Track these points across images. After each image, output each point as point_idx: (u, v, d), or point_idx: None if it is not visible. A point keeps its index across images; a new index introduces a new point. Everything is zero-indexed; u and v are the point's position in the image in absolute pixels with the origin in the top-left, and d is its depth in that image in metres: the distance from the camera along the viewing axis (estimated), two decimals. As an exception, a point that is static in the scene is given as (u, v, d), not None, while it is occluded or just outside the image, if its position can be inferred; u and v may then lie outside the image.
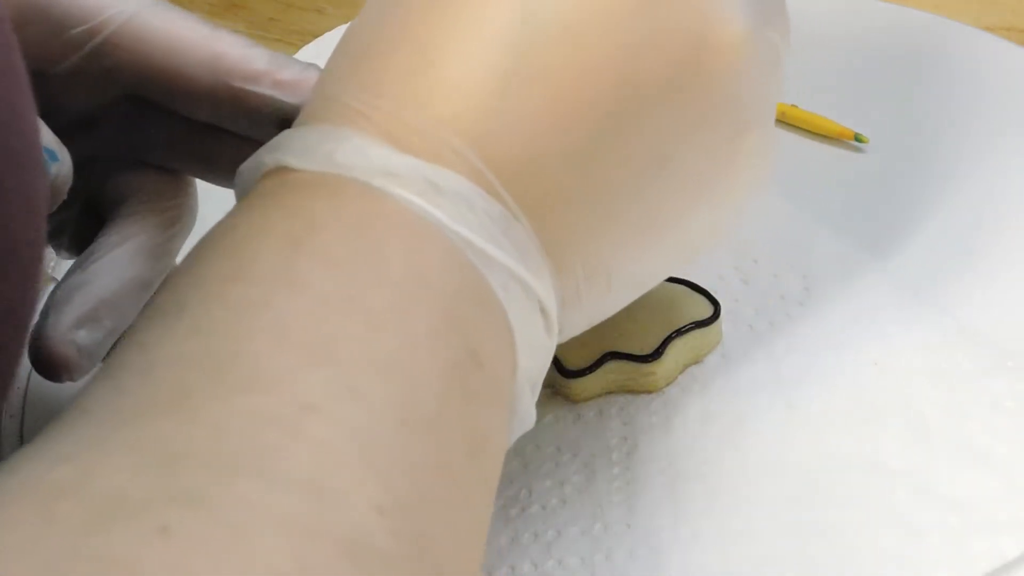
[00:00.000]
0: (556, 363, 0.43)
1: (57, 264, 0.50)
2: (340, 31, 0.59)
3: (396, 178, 0.31)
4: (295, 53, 0.57)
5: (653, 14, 0.33)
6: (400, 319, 0.30)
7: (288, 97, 0.38)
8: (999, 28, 0.55)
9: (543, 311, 0.33)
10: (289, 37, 0.60)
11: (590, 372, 0.43)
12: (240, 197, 0.33)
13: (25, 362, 0.47)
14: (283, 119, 0.38)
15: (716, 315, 0.44)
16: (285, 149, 0.32)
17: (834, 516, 0.40)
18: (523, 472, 0.42)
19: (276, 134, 0.34)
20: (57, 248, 0.42)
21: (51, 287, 0.38)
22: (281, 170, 0.32)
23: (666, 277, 0.38)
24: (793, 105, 0.52)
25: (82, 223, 0.41)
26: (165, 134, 0.40)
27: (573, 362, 0.43)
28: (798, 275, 0.46)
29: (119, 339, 0.36)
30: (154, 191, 0.40)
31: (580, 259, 0.34)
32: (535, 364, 0.33)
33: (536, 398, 0.34)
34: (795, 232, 0.48)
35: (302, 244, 0.30)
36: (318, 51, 0.58)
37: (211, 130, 0.39)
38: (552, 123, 0.32)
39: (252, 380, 0.27)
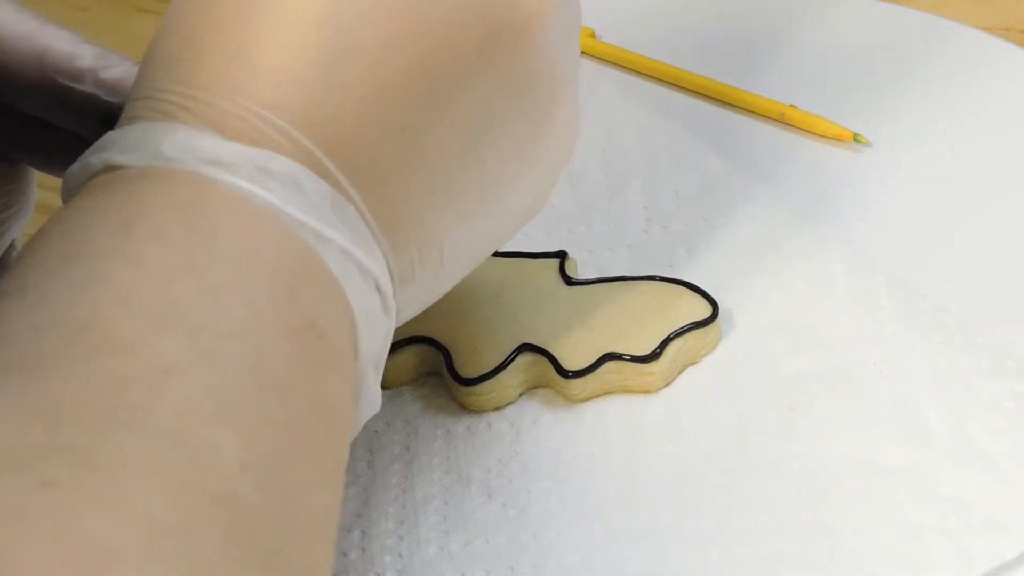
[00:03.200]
0: (555, 363, 0.43)
1: None
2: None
3: (225, 166, 0.32)
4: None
5: None
6: (240, 290, 0.30)
7: (111, 96, 0.38)
8: (999, 28, 0.55)
9: (379, 289, 0.34)
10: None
11: (589, 372, 0.43)
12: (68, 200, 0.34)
13: None
14: (106, 118, 0.38)
15: (715, 315, 0.44)
16: (110, 148, 0.33)
17: (834, 516, 0.40)
18: (522, 472, 0.42)
19: (101, 132, 0.34)
20: None
21: None
22: (109, 169, 0.33)
23: (493, 251, 0.39)
24: (793, 105, 0.52)
25: None
26: None
27: (572, 363, 0.43)
28: (797, 276, 0.46)
29: None
30: None
31: (412, 233, 0.35)
32: (375, 344, 0.34)
33: (379, 380, 0.35)
34: (794, 232, 0.48)
35: (135, 224, 0.31)
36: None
37: (43, 123, 0.39)
38: (371, 97, 0.33)
39: (108, 344, 0.28)
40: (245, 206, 0.32)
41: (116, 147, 0.33)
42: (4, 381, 0.27)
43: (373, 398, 0.35)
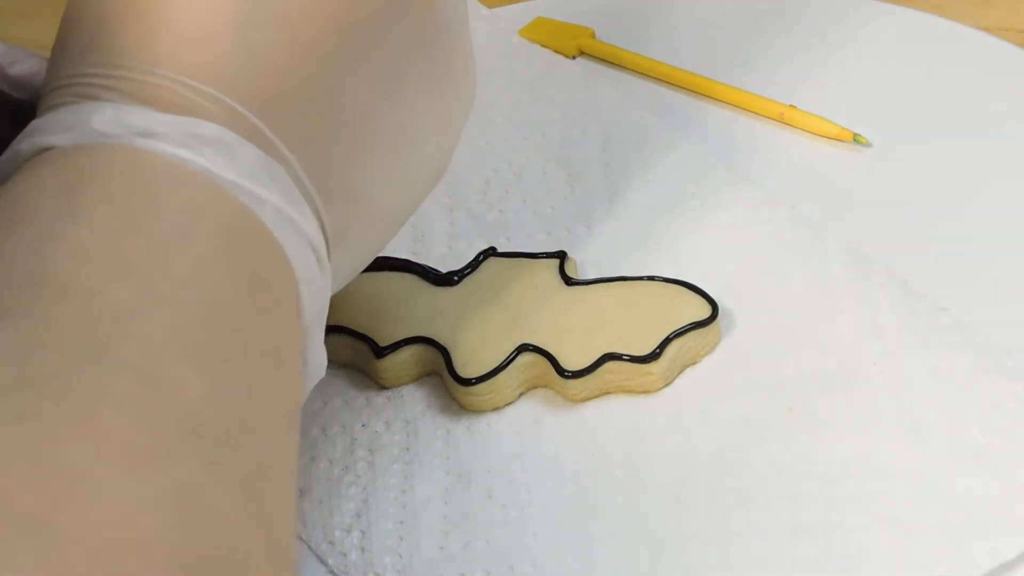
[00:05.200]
0: (555, 363, 0.43)
1: None
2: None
3: (156, 136, 0.32)
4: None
5: None
6: (184, 243, 0.31)
7: (19, 93, 0.38)
8: (999, 28, 0.55)
9: (313, 248, 0.35)
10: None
11: (588, 373, 0.43)
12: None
13: None
14: (15, 115, 0.38)
15: (714, 316, 0.44)
16: (39, 132, 0.33)
17: (834, 516, 0.40)
18: (522, 473, 0.42)
19: (12, 131, 0.34)
20: None
21: None
22: (41, 151, 0.33)
23: (416, 205, 0.40)
24: (792, 105, 0.52)
25: None
26: None
27: (572, 363, 0.43)
28: (797, 276, 0.46)
29: None
30: None
31: (340, 188, 0.36)
32: (316, 303, 0.35)
33: (323, 341, 0.36)
34: (795, 233, 0.48)
35: (76, 189, 0.31)
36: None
37: None
38: (292, 57, 0.35)
39: (66, 292, 0.29)
40: (181, 170, 0.32)
41: (44, 131, 0.33)
42: None
43: (319, 358, 0.36)
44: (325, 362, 0.36)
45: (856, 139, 0.51)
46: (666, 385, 0.44)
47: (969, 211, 0.49)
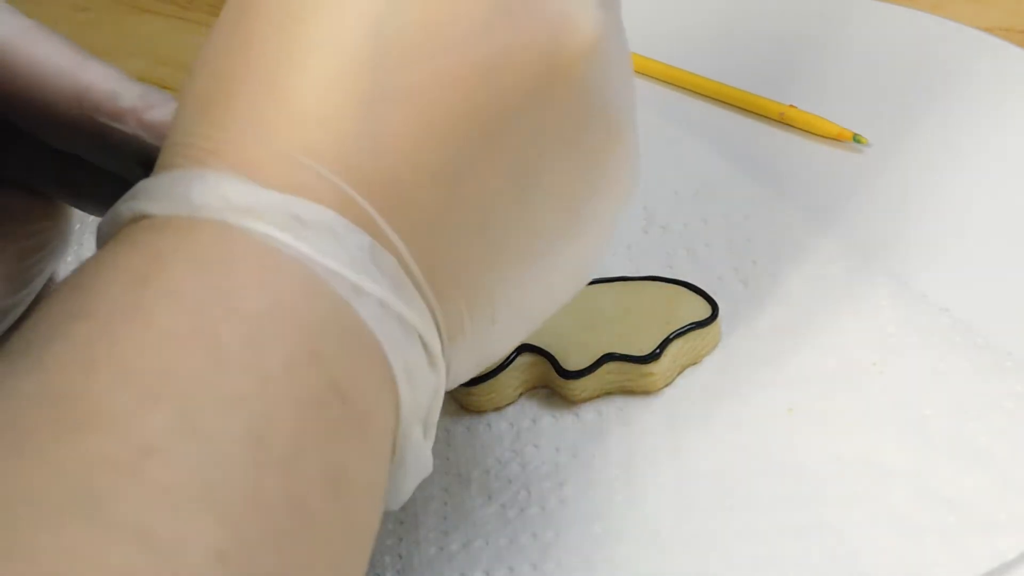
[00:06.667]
0: (555, 364, 0.43)
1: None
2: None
3: (255, 214, 0.30)
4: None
5: (504, 27, 0.32)
6: (251, 353, 0.29)
7: (154, 139, 0.37)
8: (998, 28, 0.55)
9: (424, 344, 0.32)
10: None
11: (588, 373, 0.43)
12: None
13: None
14: (147, 160, 0.36)
15: (714, 316, 0.44)
16: (140, 197, 0.31)
17: (834, 516, 0.40)
18: (522, 473, 0.42)
19: (139, 173, 0.33)
20: None
21: None
22: (138, 218, 0.31)
23: (555, 309, 0.37)
24: (792, 106, 0.52)
25: None
26: (31, 158, 0.39)
27: (571, 363, 0.43)
28: (797, 276, 0.46)
29: None
30: (20, 212, 0.39)
31: (459, 284, 0.33)
32: (421, 401, 0.32)
33: (431, 442, 0.33)
34: (794, 233, 0.48)
35: (149, 280, 0.29)
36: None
37: (79, 159, 0.38)
38: (415, 143, 0.31)
39: (90, 420, 0.27)
40: (272, 258, 0.30)
41: (145, 196, 0.31)
42: None
43: (420, 458, 0.33)
44: (430, 460, 0.33)
45: (856, 139, 0.51)
46: (666, 385, 0.44)
47: (969, 211, 0.49)
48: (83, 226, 0.51)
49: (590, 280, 0.38)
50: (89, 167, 0.38)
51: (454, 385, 0.35)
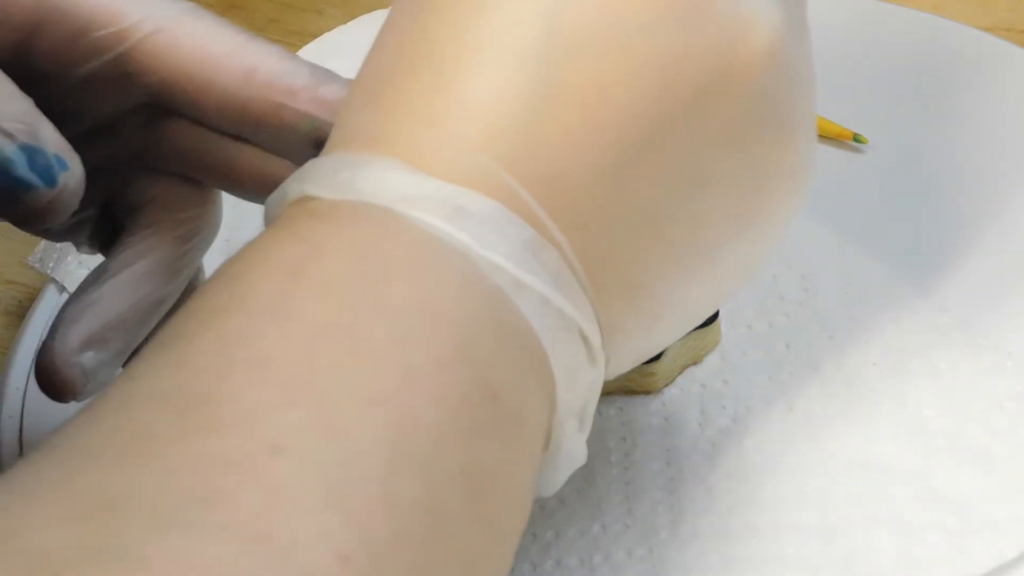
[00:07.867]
0: (555, 363, 0.43)
1: (56, 265, 0.50)
2: (340, 32, 0.59)
3: (419, 202, 0.30)
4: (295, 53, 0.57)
5: (680, 24, 0.31)
6: (399, 351, 0.28)
7: (328, 115, 0.36)
8: (999, 28, 0.55)
9: (584, 339, 0.31)
10: (288, 38, 0.60)
11: (589, 372, 0.43)
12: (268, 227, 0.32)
13: (25, 363, 0.47)
14: (318, 138, 0.36)
15: (715, 316, 0.44)
16: (307, 178, 0.31)
17: (834, 516, 0.40)
18: (522, 472, 0.42)
19: (308, 152, 0.32)
20: (77, 244, 0.41)
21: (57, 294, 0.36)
22: (303, 200, 0.31)
23: (715, 308, 0.37)
24: (793, 105, 0.52)
25: (101, 223, 0.40)
26: (186, 144, 0.39)
27: (572, 362, 0.43)
28: (797, 275, 0.46)
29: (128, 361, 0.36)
30: (173, 201, 0.39)
31: (623, 283, 0.32)
32: (578, 395, 0.32)
33: (586, 434, 0.33)
34: (795, 232, 0.48)
35: (302, 273, 0.29)
36: (318, 52, 0.58)
37: (234, 142, 0.38)
38: (583, 138, 0.31)
39: (220, 420, 0.26)
40: (433, 249, 0.30)
41: (312, 178, 0.31)
42: (93, 468, 0.26)
43: (575, 451, 0.33)
44: (584, 451, 0.33)
45: (856, 139, 0.51)
46: (667, 385, 0.44)
47: (969, 211, 0.48)
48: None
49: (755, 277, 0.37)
50: (249, 149, 0.38)
51: (612, 376, 0.34)
